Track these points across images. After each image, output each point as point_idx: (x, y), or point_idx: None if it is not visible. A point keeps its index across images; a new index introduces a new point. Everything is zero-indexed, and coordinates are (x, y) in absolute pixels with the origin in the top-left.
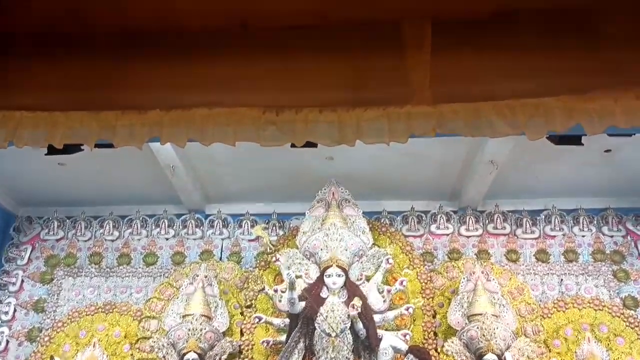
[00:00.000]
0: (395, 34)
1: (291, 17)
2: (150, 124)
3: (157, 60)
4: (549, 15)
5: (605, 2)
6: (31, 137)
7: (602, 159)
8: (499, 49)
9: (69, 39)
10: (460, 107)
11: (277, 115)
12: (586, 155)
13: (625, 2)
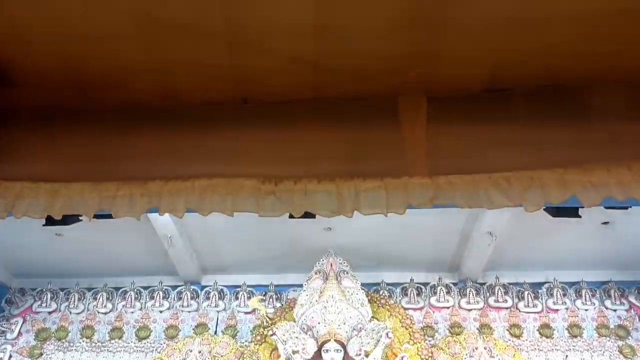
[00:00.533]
0: (392, 107)
1: (290, 91)
2: (150, 194)
3: (158, 132)
4: (542, 90)
5: (596, 79)
6: (30, 208)
7: (601, 231)
8: (493, 122)
9: (73, 112)
10: (457, 179)
11: (275, 186)
12: (584, 227)
13: (615, 78)
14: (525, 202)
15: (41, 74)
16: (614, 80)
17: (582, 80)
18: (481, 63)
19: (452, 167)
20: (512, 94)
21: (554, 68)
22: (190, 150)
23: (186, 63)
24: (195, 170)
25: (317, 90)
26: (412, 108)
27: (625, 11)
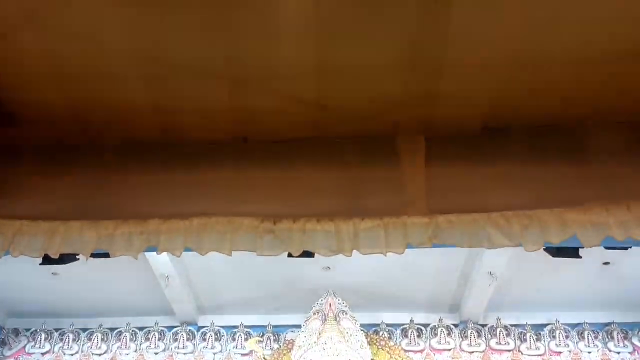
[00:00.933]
0: (391, 147)
1: (290, 130)
2: (148, 232)
3: (159, 170)
4: (540, 129)
5: (594, 119)
6: (28, 246)
7: (602, 272)
8: (492, 161)
9: (74, 150)
10: (456, 218)
11: (274, 225)
12: (585, 267)
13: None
14: (524, 242)
15: (44, 113)
16: (611, 121)
17: (579, 120)
18: (479, 103)
19: (451, 206)
20: (510, 133)
21: (552, 108)
22: (189, 188)
23: (188, 102)
24: (194, 209)
25: (316, 130)
26: (411, 147)
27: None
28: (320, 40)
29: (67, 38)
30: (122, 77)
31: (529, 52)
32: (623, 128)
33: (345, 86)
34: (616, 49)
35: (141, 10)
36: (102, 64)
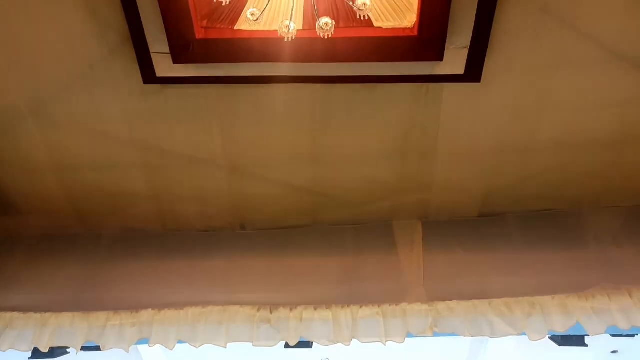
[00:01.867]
0: (388, 232)
1: (287, 217)
2: (141, 323)
3: (155, 259)
4: (535, 215)
5: (588, 203)
6: (18, 340)
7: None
8: (490, 247)
9: (71, 240)
10: (456, 305)
11: (271, 313)
12: (593, 356)
13: (607, 203)
14: (528, 330)
15: (43, 203)
16: (606, 205)
17: (574, 204)
18: (474, 188)
19: (451, 293)
20: (507, 218)
21: (546, 193)
22: (185, 277)
23: (186, 190)
24: (189, 298)
25: (313, 216)
26: (407, 233)
27: (607, 140)
28: (316, 129)
29: (70, 130)
30: (122, 166)
31: (518, 140)
32: (618, 212)
33: (340, 173)
34: (602, 135)
35: (144, 104)
36: (104, 155)
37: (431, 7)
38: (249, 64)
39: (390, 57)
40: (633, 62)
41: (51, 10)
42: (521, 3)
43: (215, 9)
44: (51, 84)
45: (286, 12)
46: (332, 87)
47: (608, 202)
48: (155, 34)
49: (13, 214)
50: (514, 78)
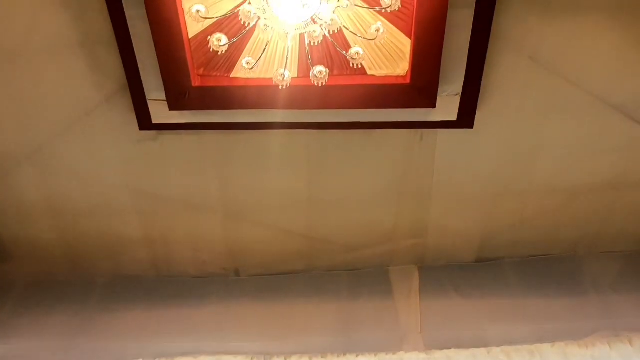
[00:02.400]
0: (384, 278)
1: (281, 262)
2: None
3: (147, 307)
4: (532, 261)
5: (584, 248)
6: None
7: None
8: (488, 293)
9: (62, 287)
10: (455, 354)
11: None
12: None
13: (603, 248)
14: None
15: (36, 249)
16: (602, 250)
17: (571, 249)
18: (470, 233)
19: (449, 341)
20: (503, 264)
21: (542, 238)
22: (177, 325)
23: (180, 235)
24: (180, 348)
25: (308, 262)
26: (404, 279)
27: (602, 185)
28: (311, 174)
29: (65, 175)
30: (117, 212)
31: (512, 184)
32: (615, 258)
33: (336, 218)
34: (595, 180)
35: (139, 150)
36: (98, 200)
37: (423, 56)
38: (244, 111)
39: (383, 104)
40: (621, 109)
41: (51, 58)
42: (511, 52)
43: (212, 57)
44: (48, 130)
45: (281, 60)
46: (326, 132)
47: (604, 248)
48: (152, 81)
49: (4, 259)
50: (506, 124)
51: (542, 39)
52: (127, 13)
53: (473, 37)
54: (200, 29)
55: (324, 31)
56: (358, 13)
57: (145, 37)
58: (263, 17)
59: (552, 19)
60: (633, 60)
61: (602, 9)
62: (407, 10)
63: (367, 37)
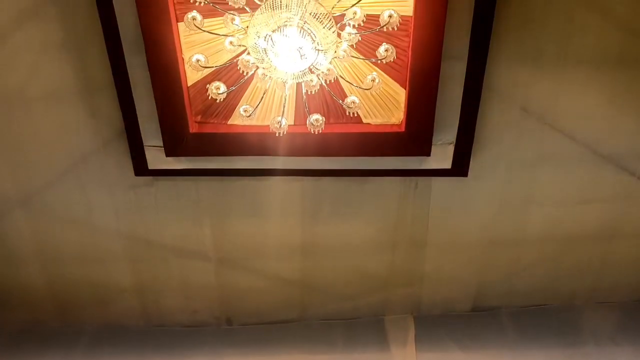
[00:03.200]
0: (379, 327)
1: (275, 311)
2: None
3: (135, 357)
4: (529, 310)
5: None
6: None
7: None
8: (484, 344)
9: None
10: None
11: None
12: None
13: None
14: None
15: (24, 295)
16: (599, 301)
17: (567, 299)
18: (466, 281)
19: None
20: (500, 314)
21: (539, 287)
22: None
23: (172, 282)
24: None
25: (302, 310)
26: (399, 328)
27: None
28: (306, 221)
29: (58, 221)
30: (108, 259)
31: (507, 233)
32: (613, 308)
33: (330, 265)
34: (589, 230)
35: (134, 196)
36: (90, 246)
37: (418, 106)
38: (240, 158)
39: (379, 152)
40: (612, 160)
41: (50, 104)
42: (503, 102)
43: (210, 105)
44: (43, 175)
45: (278, 108)
46: (322, 180)
47: (601, 298)
48: (149, 128)
49: None
50: (500, 173)
51: (533, 91)
52: (128, 61)
53: (466, 88)
54: (200, 77)
55: (320, 80)
56: (354, 63)
57: (145, 85)
58: (261, 67)
59: (542, 72)
60: (620, 111)
61: (589, 62)
62: (401, 62)
63: (363, 87)
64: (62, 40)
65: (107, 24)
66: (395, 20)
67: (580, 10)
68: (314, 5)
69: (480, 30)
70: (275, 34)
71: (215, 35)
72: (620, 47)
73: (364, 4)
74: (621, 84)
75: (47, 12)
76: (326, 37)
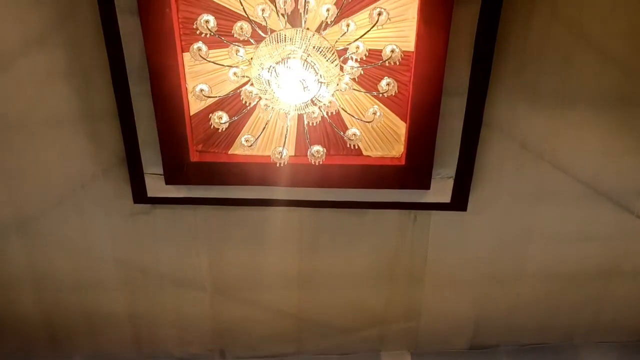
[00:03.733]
0: None
1: (270, 344)
2: None
3: None
4: (527, 349)
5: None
6: None
7: None
8: None
9: None
10: None
11: None
12: None
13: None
14: None
15: (17, 323)
16: (598, 340)
17: (566, 338)
18: (463, 317)
19: None
20: (498, 352)
21: (537, 325)
22: None
23: (166, 312)
24: None
25: (298, 344)
26: None
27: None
28: (304, 253)
29: (54, 248)
30: (103, 286)
31: (506, 269)
32: (612, 348)
33: (327, 298)
34: (588, 267)
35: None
36: (85, 274)
37: (418, 139)
38: (240, 187)
39: (378, 184)
40: (610, 197)
41: (51, 131)
42: (502, 138)
43: (212, 134)
44: (41, 201)
45: (280, 139)
46: (321, 211)
47: (600, 337)
48: (150, 156)
49: None
50: (499, 208)
51: (532, 127)
52: (132, 89)
53: (465, 124)
54: (202, 106)
55: (322, 112)
56: (355, 96)
57: (147, 112)
58: (264, 98)
59: (540, 109)
60: (618, 150)
61: (587, 101)
62: (402, 96)
63: (364, 120)
64: (67, 67)
65: (113, 53)
66: (397, 55)
67: (579, 49)
68: (317, 39)
69: (480, 66)
70: (279, 66)
71: (219, 65)
72: (617, 86)
73: (366, 38)
74: (618, 123)
75: (53, 39)
76: (329, 70)
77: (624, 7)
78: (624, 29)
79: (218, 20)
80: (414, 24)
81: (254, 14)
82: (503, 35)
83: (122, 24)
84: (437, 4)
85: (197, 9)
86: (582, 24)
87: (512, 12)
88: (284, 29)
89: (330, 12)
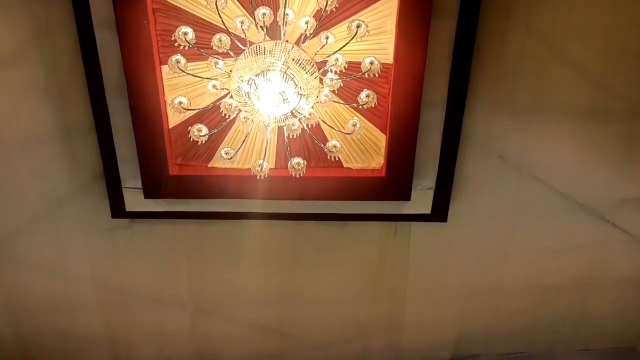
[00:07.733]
0: None
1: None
2: None
3: None
4: (511, 358)
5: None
6: None
7: None
8: None
9: None
10: None
11: None
12: None
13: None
14: None
15: None
16: (578, 348)
17: (547, 347)
18: (445, 329)
19: None
20: None
21: (517, 335)
22: None
23: (145, 332)
24: None
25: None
26: None
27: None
28: (285, 267)
29: (28, 267)
30: (79, 307)
31: (486, 281)
32: (592, 356)
33: (309, 312)
34: (566, 278)
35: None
36: (61, 294)
37: (398, 151)
38: (220, 200)
39: (359, 196)
40: (587, 209)
41: (28, 148)
42: (480, 150)
43: (191, 147)
44: (16, 219)
45: (260, 151)
46: (301, 224)
47: (581, 345)
48: (128, 170)
49: None
50: (478, 220)
51: (509, 139)
52: (110, 103)
53: (444, 136)
54: (181, 119)
55: (302, 124)
56: (335, 108)
57: (125, 127)
58: (244, 110)
59: (518, 120)
60: (593, 160)
61: (563, 113)
62: (382, 108)
63: (344, 131)
64: (44, 83)
65: (91, 68)
66: (376, 67)
67: (554, 63)
68: (296, 52)
69: (458, 79)
70: (258, 78)
71: (198, 78)
72: (592, 99)
73: (345, 51)
74: (593, 135)
75: (30, 55)
76: (308, 82)
77: (598, 22)
78: (598, 44)
79: (197, 32)
80: (392, 36)
81: (233, 26)
82: (480, 49)
83: (100, 38)
84: (415, 18)
85: (175, 21)
86: (557, 39)
87: (489, 26)
88: (263, 42)
89: (309, 25)
